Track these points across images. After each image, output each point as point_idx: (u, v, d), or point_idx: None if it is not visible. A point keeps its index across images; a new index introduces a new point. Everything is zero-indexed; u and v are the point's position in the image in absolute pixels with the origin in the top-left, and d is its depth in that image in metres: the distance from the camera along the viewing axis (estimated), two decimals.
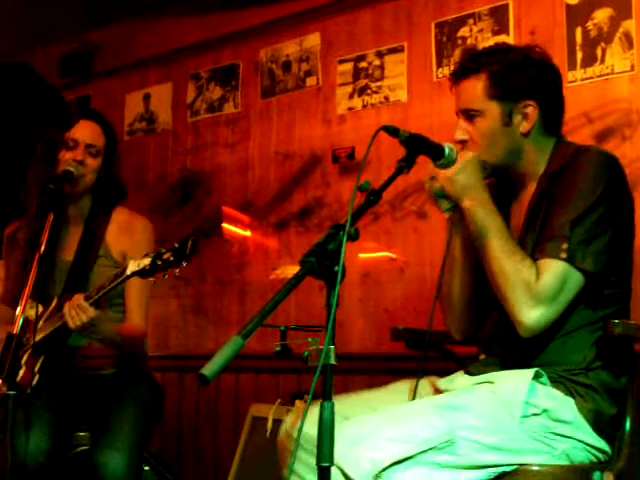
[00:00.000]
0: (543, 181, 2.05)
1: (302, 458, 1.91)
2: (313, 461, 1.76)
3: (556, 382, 1.93)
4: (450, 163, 1.99)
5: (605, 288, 1.97)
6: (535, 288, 1.87)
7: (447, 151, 1.98)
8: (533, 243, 1.97)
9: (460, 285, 2.18)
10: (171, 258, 2.27)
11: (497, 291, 1.94)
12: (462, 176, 1.98)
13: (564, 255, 1.87)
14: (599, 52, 3.07)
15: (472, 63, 2.07)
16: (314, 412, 1.52)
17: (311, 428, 1.57)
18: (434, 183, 2.06)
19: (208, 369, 1.37)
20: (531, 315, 1.87)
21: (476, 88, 2.04)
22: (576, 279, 1.89)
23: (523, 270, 1.88)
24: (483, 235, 1.95)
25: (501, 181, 2.12)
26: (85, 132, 2.74)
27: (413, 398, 2.07)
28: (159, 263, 2.29)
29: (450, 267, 2.18)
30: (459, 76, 2.08)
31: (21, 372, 2.54)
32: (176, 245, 2.28)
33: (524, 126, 2.04)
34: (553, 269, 1.88)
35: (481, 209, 1.97)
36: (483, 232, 1.95)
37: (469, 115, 2.06)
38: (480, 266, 2.07)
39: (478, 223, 1.97)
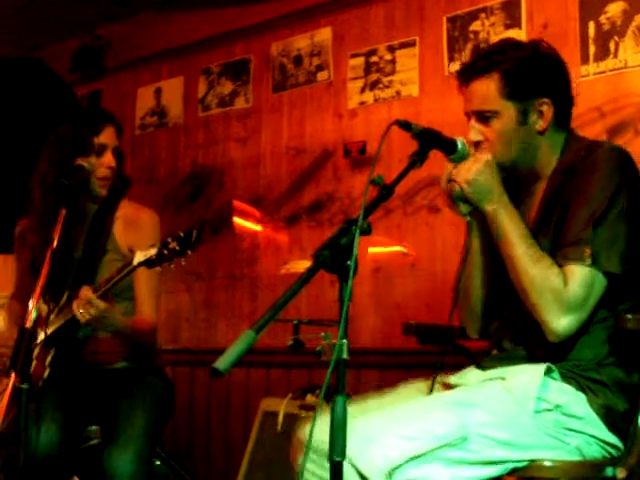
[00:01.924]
0: (555, 178, 2.03)
1: (312, 470, 1.89)
2: (323, 473, 1.78)
3: (567, 377, 1.92)
4: (463, 157, 1.98)
5: (623, 285, 1.95)
6: (564, 296, 1.86)
7: (460, 145, 1.97)
8: (549, 244, 1.95)
9: (479, 286, 2.16)
10: (177, 247, 2.27)
11: (523, 297, 1.92)
12: (482, 178, 1.96)
13: (589, 261, 1.86)
14: (612, 46, 3.06)
15: (482, 62, 2.03)
16: (322, 422, 1.51)
17: (318, 441, 1.55)
18: (453, 186, 2.02)
19: (221, 362, 1.37)
20: (562, 323, 1.87)
21: (489, 88, 2.00)
22: (601, 282, 1.88)
23: (551, 277, 1.87)
24: (507, 240, 1.94)
25: (511, 177, 2.08)
26: (110, 136, 2.75)
27: (430, 392, 2.06)
28: (165, 253, 2.29)
29: (469, 268, 2.16)
30: (469, 76, 2.04)
31: (33, 366, 2.55)
32: (181, 234, 2.28)
33: (540, 124, 2.02)
34: (580, 276, 1.86)
35: (504, 212, 1.95)
36: (507, 237, 1.94)
37: (484, 117, 2.02)
38: (494, 265, 2.06)
39: (501, 228, 1.95)
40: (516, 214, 1.96)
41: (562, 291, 1.86)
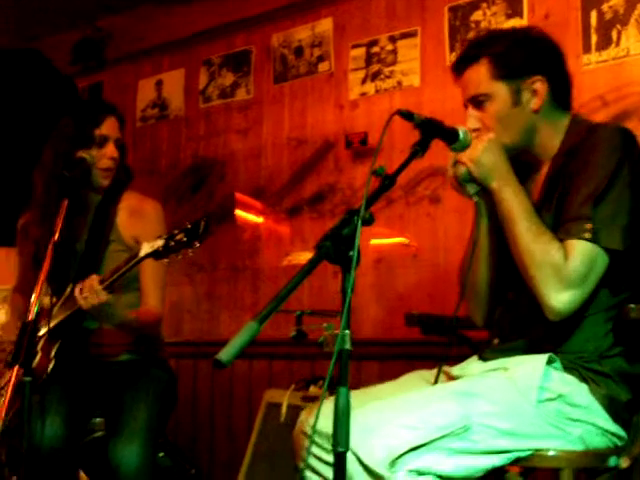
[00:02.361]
0: (558, 159, 2.03)
1: (316, 453, 1.90)
2: (326, 456, 1.78)
3: (568, 368, 1.91)
4: (465, 146, 1.98)
5: (625, 269, 1.94)
6: (564, 270, 1.85)
7: (462, 134, 1.96)
8: (551, 221, 1.95)
9: (486, 270, 2.16)
10: (184, 239, 2.27)
11: (524, 273, 1.92)
12: (487, 156, 1.96)
13: (589, 235, 1.85)
14: (614, 35, 3.05)
15: (472, 51, 2.05)
16: (328, 407, 1.52)
17: (323, 424, 1.56)
18: (459, 168, 2.03)
19: (224, 354, 1.37)
20: (560, 298, 1.86)
21: (480, 73, 2.02)
22: (603, 258, 1.87)
23: (551, 252, 1.86)
24: (511, 216, 1.93)
25: (514, 160, 2.06)
26: (112, 127, 2.75)
27: (435, 383, 2.06)
28: (172, 244, 2.29)
29: (476, 253, 2.15)
30: (461, 67, 2.07)
31: (37, 358, 2.55)
32: (188, 226, 2.28)
33: (535, 102, 2.02)
34: (581, 250, 1.85)
35: (509, 189, 1.95)
36: (511, 213, 1.93)
37: (477, 101, 2.03)
38: (501, 248, 2.06)
39: (505, 204, 1.95)
40: (522, 191, 1.96)
41: (562, 266, 1.85)
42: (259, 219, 4.10)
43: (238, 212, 4.16)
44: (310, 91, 3.97)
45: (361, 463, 1.72)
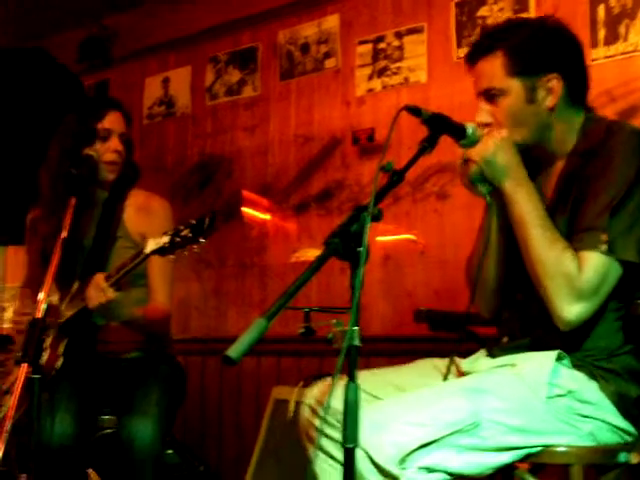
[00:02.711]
0: (574, 159, 1.99)
1: (327, 432, 1.90)
2: (338, 435, 1.76)
3: (578, 366, 1.90)
4: (473, 143, 1.95)
5: (636, 275, 1.92)
6: (577, 282, 1.82)
7: (470, 130, 1.94)
8: (566, 224, 1.92)
9: (494, 266, 2.13)
10: (189, 235, 2.27)
11: (535, 280, 1.89)
12: (501, 155, 1.92)
13: (604, 247, 1.82)
14: (622, 29, 3.03)
15: (487, 41, 1.99)
16: (338, 387, 1.51)
17: (335, 402, 1.55)
18: (470, 166, 1.97)
19: (233, 350, 1.37)
20: (572, 310, 1.83)
21: (494, 66, 1.96)
22: (616, 271, 1.85)
23: (565, 262, 1.83)
24: (523, 220, 1.89)
25: (526, 157, 2.01)
26: (116, 121, 2.76)
27: (445, 379, 2.05)
28: (177, 240, 2.29)
29: (486, 249, 2.12)
30: (475, 57, 2.00)
31: (45, 355, 2.55)
32: (193, 222, 2.28)
33: (550, 100, 1.97)
34: (594, 262, 1.82)
35: (522, 191, 1.91)
36: (523, 217, 1.89)
37: (490, 95, 1.98)
38: (511, 249, 2.03)
39: (518, 207, 1.91)
40: (535, 194, 1.92)
41: (575, 277, 1.82)
42: (266, 216, 4.10)
43: (245, 209, 4.16)
44: (317, 88, 3.96)
45: (371, 460, 1.71)
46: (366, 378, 1.53)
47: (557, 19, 2.03)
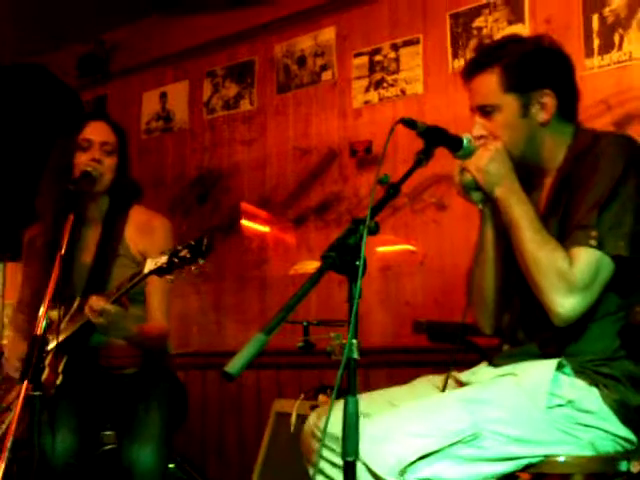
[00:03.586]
0: (564, 169, 2.04)
1: (326, 456, 1.91)
2: (336, 459, 1.78)
3: (579, 372, 1.91)
4: (469, 154, 1.99)
5: (631, 274, 1.95)
6: (569, 277, 1.86)
7: (465, 142, 1.97)
8: (557, 229, 1.96)
9: (492, 278, 2.17)
10: (188, 255, 2.27)
11: (530, 280, 1.93)
12: (494, 166, 1.98)
13: (594, 243, 1.86)
14: (617, 39, 3.05)
15: (483, 58, 2.05)
16: (337, 410, 1.52)
17: (334, 427, 1.57)
18: (465, 175, 2.04)
19: (232, 366, 1.38)
20: (566, 304, 1.87)
21: (491, 82, 2.02)
22: (608, 265, 1.88)
23: (557, 259, 1.88)
24: (516, 225, 1.95)
25: (520, 169, 2.07)
26: (97, 131, 2.76)
27: (443, 390, 2.06)
28: (176, 261, 2.29)
29: (482, 261, 2.16)
30: (471, 72, 2.06)
31: (45, 373, 2.55)
32: (192, 242, 2.28)
33: (542, 116, 2.03)
34: (585, 257, 1.87)
35: (514, 197, 1.97)
36: (516, 221, 1.95)
37: (486, 111, 2.04)
38: (507, 255, 2.06)
39: (511, 212, 1.96)
40: (526, 200, 1.97)
41: (567, 272, 1.86)
42: (265, 229, 4.11)
43: (244, 222, 4.16)
44: (314, 100, 3.97)
45: (370, 472, 1.72)
46: (363, 399, 1.53)
47: (551, 38, 2.09)
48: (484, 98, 2.03)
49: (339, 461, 1.74)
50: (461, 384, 2.11)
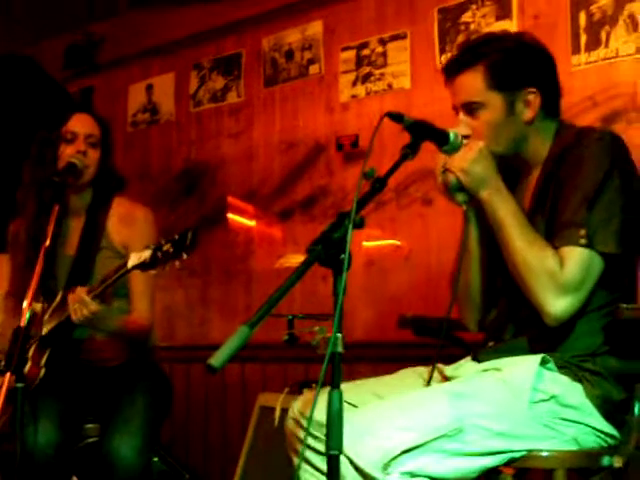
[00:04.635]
0: (548, 164, 2.04)
1: (311, 444, 1.91)
2: (322, 447, 1.77)
3: (563, 368, 1.92)
4: (455, 149, 1.98)
5: (617, 270, 1.95)
6: (560, 277, 1.86)
7: (452, 137, 1.97)
8: (544, 227, 1.96)
9: (478, 276, 2.17)
10: (171, 250, 2.27)
11: (519, 281, 1.93)
12: (478, 166, 1.96)
13: (584, 241, 1.86)
14: (603, 35, 3.05)
15: (467, 56, 2.04)
16: (321, 398, 1.52)
17: (319, 414, 1.57)
18: (448, 176, 2.03)
19: (216, 359, 1.37)
20: (558, 305, 1.87)
21: (476, 80, 2.01)
22: (598, 263, 1.88)
23: (547, 259, 1.87)
24: (502, 225, 1.94)
25: (504, 167, 2.07)
26: (82, 124, 2.76)
27: (428, 383, 2.06)
28: (159, 255, 2.29)
29: (467, 259, 2.16)
30: (455, 70, 2.05)
31: (27, 366, 2.54)
32: (176, 237, 2.28)
33: (527, 114, 2.03)
34: (576, 256, 1.86)
35: (499, 198, 1.96)
36: (502, 222, 1.94)
37: (470, 109, 2.03)
38: (492, 254, 2.06)
39: (496, 213, 1.95)
40: (511, 199, 1.97)
41: (558, 273, 1.86)
42: (251, 222, 4.10)
43: (230, 216, 4.15)
44: (301, 94, 3.97)
45: (354, 466, 1.72)
46: (347, 388, 1.53)
47: (533, 35, 2.09)
48: (469, 95, 2.03)
49: (322, 448, 1.74)
50: (446, 377, 2.12)
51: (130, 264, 2.36)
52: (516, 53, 2.03)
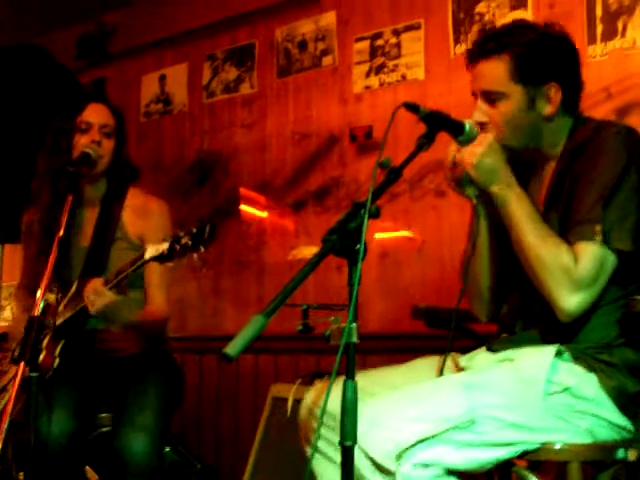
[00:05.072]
0: (564, 159, 2.02)
1: (325, 435, 1.91)
2: (335, 438, 1.77)
3: (578, 358, 1.91)
4: (471, 139, 1.96)
5: (631, 265, 1.94)
6: (575, 273, 1.85)
7: (468, 127, 1.95)
8: (558, 222, 1.95)
9: (487, 269, 2.16)
10: (189, 243, 2.26)
11: (532, 276, 1.92)
12: (488, 161, 1.95)
13: (599, 237, 1.85)
14: (620, 26, 3.03)
15: (493, 43, 2.00)
16: (335, 389, 1.52)
17: (332, 405, 1.57)
18: (458, 170, 2.02)
19: (232, 347, 1.37)
20: (572, 301, 1.86)
21: (499, 69, 1.98)
22: (612, 260, 1.87)
23: (561, 255, 1.86)
24: (514, 220, 1.93)
25: (518, 160, 2.06)
26: (96, 114, 2.76)
27: (440, 374, 2.06)
28: (177, 248, 2.28)
29: (477, 252, 2.15)
30: (478, 56, 2.02)
31: (42, 356, 2.55)
32: (194, 230, 2.27)
33: (547, 110, 2.00)
34: (591, 253, 1.85)
35: (511, 193, 1.94)
36: (513, 217, 1.93)
37: (490, 98, 2.01)
38: (502, 248, 2.05)
39: (508, 208, 1.94)
40: (523, 194, 1.95)
41: (572, 269, 1.85)
42: (264, 213, 4.10)
43: (243, 207, 4.15)
44: (314, 85, 3.96)
45: (368, 456, 1.72)
46: (361, 378, 1.53)
47: (560, 27, 2.05)
48: (490, 84, 2.00)
49: (336, 439, 1.74)
50: (460, 368, 2.11)
51: (147, 256, 2.36)
52: (543, 46, 1.99)
